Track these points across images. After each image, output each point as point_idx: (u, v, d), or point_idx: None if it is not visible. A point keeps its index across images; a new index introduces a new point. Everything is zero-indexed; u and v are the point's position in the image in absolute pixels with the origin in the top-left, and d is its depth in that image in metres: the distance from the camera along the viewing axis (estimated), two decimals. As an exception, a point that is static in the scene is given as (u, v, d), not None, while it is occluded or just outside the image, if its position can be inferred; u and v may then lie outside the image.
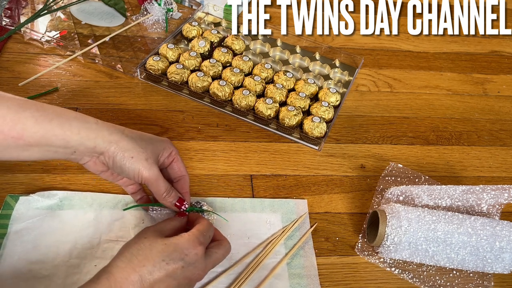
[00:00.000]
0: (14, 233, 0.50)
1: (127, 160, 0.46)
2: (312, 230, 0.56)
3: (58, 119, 0.43)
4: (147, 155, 0.47)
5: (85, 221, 0.52)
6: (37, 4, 0.79)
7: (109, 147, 0.45)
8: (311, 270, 0.52)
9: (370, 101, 0.75)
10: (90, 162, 0.47)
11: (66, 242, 0.50)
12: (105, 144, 0.45)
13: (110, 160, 0.46)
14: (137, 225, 0.53)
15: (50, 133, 0.42)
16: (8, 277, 0.47)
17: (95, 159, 0.47)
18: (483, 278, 0.54)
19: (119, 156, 0.46)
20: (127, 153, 0.46)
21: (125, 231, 0.52)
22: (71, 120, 0.44)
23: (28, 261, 0.48)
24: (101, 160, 0.47)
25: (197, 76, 0.68)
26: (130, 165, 0.46)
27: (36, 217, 0.52)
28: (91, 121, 0.46)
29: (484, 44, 0.88)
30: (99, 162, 0.47)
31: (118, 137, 0.46)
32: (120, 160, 0.46)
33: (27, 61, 0.71)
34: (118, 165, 0.46)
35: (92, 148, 0.45)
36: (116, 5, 0.81)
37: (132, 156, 0.46)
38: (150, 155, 0.47)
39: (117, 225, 0.53)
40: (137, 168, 0.46)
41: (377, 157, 0.66)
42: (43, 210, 0.53)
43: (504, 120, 0.75)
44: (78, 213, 0.53)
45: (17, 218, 0.51)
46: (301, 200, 0.59)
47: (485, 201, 0.55)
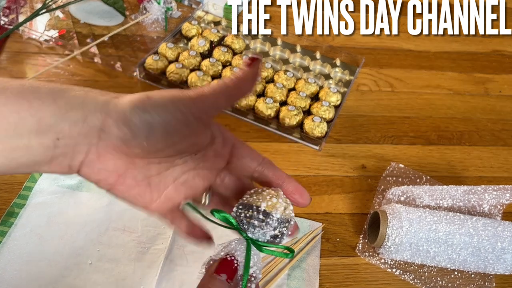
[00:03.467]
0: (32, 205, 0.53)
1: (147, 102, 0.28)
2: (314, 232, 0.55)
3: (18, 93, 0.27)
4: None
5: (98, 206, 0.54)
6: (35, 3, 0.79)
7: (109, 103, 0.28)
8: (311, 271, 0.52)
9: (371, 100, 0.74)
10: (92, 154, 0.28)
11: (76, 223, 0.52)
12: (101, 103, 0.28)
13: (120, 124, 0.27)
14: (146, 218, 0.53)
15: (8, 114, 0.26)
16: (17, 247, 0.49)
17: (97, 144, 0.28)
18: (485, 279, 0.54)
19: (129, 104, 0.28)
20: (139, 95, 0.29)
21: (133, 222, 0.53)
22: (39, 90, 0.28)
23: (38, 235, 0.51)
24: (107, 139, 0.28)
25: (196, 76, 0.67)
26: (158, 101, 0.28)
27: (55, 194, 0.54)
28: (58, 89, 0.29)
29: (485, 43, 0.88)
30: (106, 147, 0.28)
31: (112, 94, 0.29)
32: (136, 109, 0.27)
33: (25, 60, 0.70)
34: (137, 118, 0.27)
35: (82, 117, 0.27)
36: (115, 4, 0.80)
37: (148, 96, 0.29)
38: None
39: (127, 214, 0.53)
40: (169, 96, 0.29)
41: (378, 157, 0.66)
42: (63, 188, 0.55)
43: (506, 120, 0.74)
44: (94, 197, 0.54)
45: (37, 192, 0.54)
46: (316, 222, 0.56)
47: (487, 201, 0.55)
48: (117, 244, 0.51)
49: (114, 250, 0.51)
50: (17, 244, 0.50)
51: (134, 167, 0.30)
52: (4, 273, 0.47)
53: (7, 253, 0.49)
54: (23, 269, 0.48)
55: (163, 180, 0.32)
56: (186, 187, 0.32)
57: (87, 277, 0.48)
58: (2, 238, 0.50)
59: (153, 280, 0.49)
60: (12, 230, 0.51)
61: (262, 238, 0.30)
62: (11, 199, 0.53)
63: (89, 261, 0.49)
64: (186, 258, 0.51)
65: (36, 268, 0.48)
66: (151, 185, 0.31)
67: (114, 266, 0.50)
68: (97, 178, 0.29)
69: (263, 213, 0.29)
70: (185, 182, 0.32)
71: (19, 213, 0.52)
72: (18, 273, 0.48)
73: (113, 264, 0.50)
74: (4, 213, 0.52)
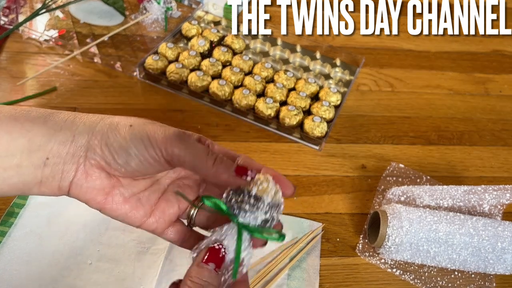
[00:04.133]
0: (32, 205, 0.53)
1: (127, 131, 0.29)
2: (314, 232, 0.55)
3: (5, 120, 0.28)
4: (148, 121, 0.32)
5: None
6: (35, 3, 0.79)
7: (96, 125, 0.30)
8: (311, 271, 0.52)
9: (371, 100, 0.74)
10: (80, 173, 0.30)
11: (76, 223, 0.52)
12: (88, 124, 0.30)
13: (103, 146, 0.29)
14: None
15: (1, 134, 0.28)
16: (17, 247, 0.49)
17: (84, 163, 0.30)
18: (485, 279, 0.54)
19: (112, 129, 0.29)
20: (124, 121, 0.30)
21: None
22: (30, 113, 0.29)
23: (38, 235, 0.51)
24: (92, 159, 0.30)
25: (196, 76, 0.67)
26: (137, 134, 0.29)
27: None
28: (49, 112, 0.30)
29: (485, 43, 0.88)
30: (92, 166, 0.30)
31: (100, 116, 0.31)
32: (117, 135, 0.29)
33: (25, 60, 0.70)
34: (117, 145, 0.29)
35: (70, 138, 0.29)
36: (115, 4, 0.80)
37: (131, 124, 0.30)
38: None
39: None
40: (147, 132, 0.30)
41: (378, 157, 0.65)
42: None
43: (506, 119, 0.74)
44: None
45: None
46: (316, 222, 0.56)
47: (487, 201, 0.55)
48: (117, 244, 0.51)
49: (114, 250, 0.51)
50: (17, 244, 0.50)
51: (120, 185, 0.31)
52: (4, 273, 0.47)
53: (7, 253, 0.49)
54: (23, 269, 0.48)
55: (151, 194, 0.33)
56: (174, 197, 0.34)
57: (87, 277, 0.48)
58: (2, 238, 0.50)
59: (153, 280, 0.49)
60: (12, 230, 0.51)
61: (253, 223, 0.30)
62: (11, 199, 0.53)
63: (89, 261, 0.49)
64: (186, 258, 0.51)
65: (36, 268, 0.48)
66: (141, 200, 0.32)
67: (114, 266, 0.50)
68: (86, 197, 0.31)
69: (254, 197, 0.29)
70: (172, 192, 0.34)
71: (19, 213, 0.52)
72: (18, 273, 0.47)
73: (113, 264, 0.50)
74: (4, 213, 0.52)
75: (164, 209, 0.33)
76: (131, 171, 0.30)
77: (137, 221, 0.32)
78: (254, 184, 0.30)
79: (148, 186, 0.33)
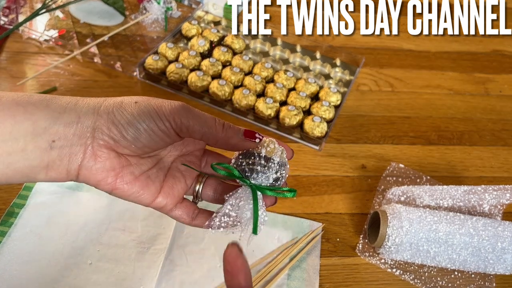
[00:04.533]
0: (32, 205, 0.53)
1: (134, 107, 0.29)
2: (314, 232, 0.55)
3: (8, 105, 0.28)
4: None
5: (98, 206, 0.54)
6: (35, 3, 0.79)
7: (100, 105, 0.29)
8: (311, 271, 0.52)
9: (371, 100, 0.74)
10: (89, 155, 0.29)
11: (76, 223, 0.52)
12: (92, 106, 0.29)
13: (111, 125, 0.29)
14: (146, 218, 0.53)
15: (4, 118, 0.27)
16: (17, 247, 0.49)
17: (91, 144, 0.29)
18: (485, 279, 0.54)
19: (118, 107, 0.29)
20: (128, 99, 0.30)
21: (133, 222, 0.53)
22: (32, 97, 0.29)
23: (38, 235, 0.51)
24: (100, 139, 0.29)
25: (196, 76, 0.67)
26: (144, 109, 0.30)
27: (55, 194, 0.54)
28: (50, 97, 0.30)
29: (485, 43, 0.88)
30: (100, 147, 0.29)
31: (102, 98, 0.31)
32: (124, 112, 0.29)
33: (25, 60, 0.70)
34: (124, 121, 0.29)
35: (75, 119, 0.29)
36: (115, 4, 0.80)
37: (136, 101, 0.30)
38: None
39: (127, 215, 0.54)
40: (153, 106, 0.30)
41: (378, 157, 0.65)
42: (62, 189, 0.55)
43: (506, 119, 0.74)
44: (93, 197, 0.54)
45: (37, 192, 0.54)
46: (316, 222, 0.56)
47: (487, 201, 0.55)
48: (117, 244, 0.51)
49: (114, 250, 0.51)
50: (17, 244, 0.50)
51: (129, 164, 0.31)
52: (4, 273, 0.47)
53: (7, 253, 0.49)
54: (23, 269, 0.48)
55: (159, 171, 0.33)
56: (180, 173, 0.34)
57: (87, 277, 0.48)
58: (2, 238, 0.50)
59: (153, 280, 0.49)
60: (12, 230, 0.51)
61: (265, 182, 0.31)
62: (11, 199, 0.53)
63: (89, 261, 0.49)
64: (186, 258, 0.51)
65: (36, 268, 0.48)
66: (151, 177, 0.32)
67: (114, 266, 0.50)
68: (97, 179, 0.30)
69: (264, 158, 0.31)
70: (177, 168, 0.34)
71: (19, 213, 0.52)
72: (18, 273, 0.47)
73: (113, 264, 0.50)
74: (4, 213, 0.52)
75: (172, 185, 0.33)
76: (141, 147, 0.30)
77: (148, 199, 0.32)
78: (262, 146, 0.31)
79: (155, 164, 0.33)
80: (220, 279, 0.50)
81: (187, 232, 0.53)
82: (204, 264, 0.51)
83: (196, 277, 0.50)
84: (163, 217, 0.54)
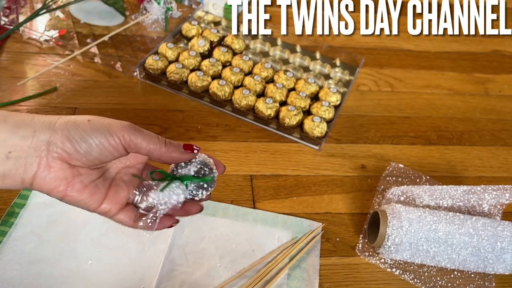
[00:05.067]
0: (32, 205, 0.53)
1: (87, 125, 0.33)
2: (314, 232, 0.55)
3: None
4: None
5: None
6: (36, 3, 0.79)
7: (55, 122, 0.33)
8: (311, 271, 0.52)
9: (371, 100, 0.74)
10: (43, 166, 0.33)
11: (76, 223, 0.52)
12: (47, 122, 0.33)
13: (65, 140, 0.32)
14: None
15: None
16: (17, 247, 0.49)
17: (46, 157, 0.32)
18: (484, 278, 0.54)
19: (71, 125, 0.33)
20: (81, 118, 0.34)
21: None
22: None
23: (38, 235, 0.51)
24: (54, 152, 0.32)
25: (196, 76, 0.67)
26: (96, 126, 0.33)
27: None
28: (7, 114, 0.33)
29: (485, 43, 0.88)
30: (54, 159, 0.33)
31: (57, 116, 0.34)
32: (78, 128, 0.33)
33: (25, 60, 0.70)
34: (78, 137, 0.33)
35: (31, 133, 0.32)
36: (115, 4, 0.80)
37: (89, 119, 0.34)
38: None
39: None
40: (104, 124, 0.34)
41: (378, 157, 0.66)
42: None
43: (506, 120, 0.74)
44: None
45: (38, 192, 0.54)
46: (316, 222, 0.56)
47: (487, 201, 0.55)
48: (117, 244, 0.51)
49: (114, 250, 0.51)
50: (17, 244, 0.50)
51: (79, 174, 0.35)
52: (4, 273, 0.47)
53: (8, 253, 0.49)
54: (23, 269, 0.48)
55: (105, 180, 0.37)
56: (123, 182, 0.39)
57: (88, 277, 0.48)
58: (3, 238, 0.50)
59: (153, 280, 0.49)
60: (12, 230, 0.51)
61: (188, 173, 0.37)
62: (11, 199, 0.53)
63: (90, 261, 0.50)
64: (186, 258, 0.51)
65: (36, 268, 0.48)
66: (98, 186, 0.36)
67: (114, 266, 0.50)
68: (49, 187, 0.34)
69: (189, 161, 0.38)
70: (120, 178, 0.39)
71: (20, 213, 0.52)
72: (18, 273, 0.48)
73: (113, 264, 0.50)
74: (5, 213, 0.52)
75: (116, 193, 0.37)
76: (92, 160, 0.34)
77: (94, 205, 0.36)
78: (194, 157, 0.38)
79: (101, 175, 0.37)
80: (221, 279, 0.50)
81: (187, 232, 0.53)
82: (204, 263, 0.51)
83: (196, 276, 0.50)
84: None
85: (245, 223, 0.55)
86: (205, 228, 0.54)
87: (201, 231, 0.53)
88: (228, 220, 0.55)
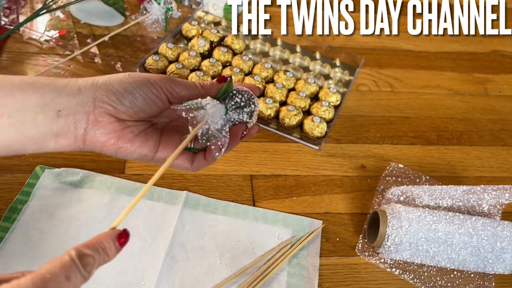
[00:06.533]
0: (34, 202, 0.53)
1: (128, 78, 0.35)
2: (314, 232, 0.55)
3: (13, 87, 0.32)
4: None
5: (100, 203, 0.54)
6: (36, 3, 0.79)
7: (97, 80, 0.34)
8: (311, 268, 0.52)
9: (371, 100, 0.74)
10: (92, 121, 0.34)
11: (78, 219, 0.52)
12: (90, 81, 0.34)
13: (109, 94, 0.34)
14: (148, 214, 0.54)
15: (16, 92, 0.32)
16: (19, 243, 0.50)
17: (93, 112, 0.34)
18: (484, 278, 0.54)
19: (114, 80, 0.35)
20: (121, 74, 0.36)
21: (134, 218, 0.53)
22: (37, 78, 0.34)
23: (40, 231, 0.51)
24: (100, 107, 0.34)
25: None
26: (137, 79, 0.35)
27: (57, 191, 0.55)
28: (52, 78, 0.35)
29: (485, 43, 0.88)
30: (101, 113, 0.34)
31: (96, 76, 0.36)
32: (120, 82, 0.34)
33: (26, 60, 0.71)
34: (122, 90, 0.34)
35: (77, 91, 0.33)
36: (116, 4, 0.80)
37: (129, 74, 0.36)
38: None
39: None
40: (145, 76, 0.36)
41: (378, 157, 0.66)
42: (65, 185, 0.55)
43: (506, 120, 0.75)
44: (95, 194, 0.55)
45: (40, 189, 0.54)
46: (316, 220, 0.57)
47: (486, 201, 0.55)
48: None
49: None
50: (19, 240, 0.50)
51: (128, 126, 0.36)
52: (7, 268, 0.47)
53: (10, 249, 0.49)
54: (26, 265, 0.48)
55: (155, 130, 0.38)
56: (174, 130, 0.39)
57: (88, 275, 0.48)
58: (5, 234, 0.50)
59: (154, 276, 0.49)
60: (14, 226, 0.51)
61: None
62: (12, 199, 0.53)
63: None
64: (187, 254, 0.51)
65: (38, 264, 0.48)
66: (149, 134, 0.37)
67: (115, 262, 0.49)
68: (101, 142, 0.35)
69: (227, 97, 0.38)
70: (170, 129, 0.39)
71: (22, 209, 0.52)
72: (20, 268, 0.47)
73: (114, 260, 0.50)
74: (7, 209, 0.52)
75: (169, 139, 0.38)
76: (137, 111, 0.35)
77: (150, 154, 0.37)
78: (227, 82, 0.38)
79: (150, 125, 0.38)
80: (221, 276, 0.50)
81: (188, 228, 0.53)
82: (205, 260, 0.51)
83: (197, 273, 0.50)
84: (164, 214, 0.54)
85: (245, 221, 0.55)
86: (206, 225, 0.54)
87: (201, 228, 0.54)
88: (228, 218, 0.55)
